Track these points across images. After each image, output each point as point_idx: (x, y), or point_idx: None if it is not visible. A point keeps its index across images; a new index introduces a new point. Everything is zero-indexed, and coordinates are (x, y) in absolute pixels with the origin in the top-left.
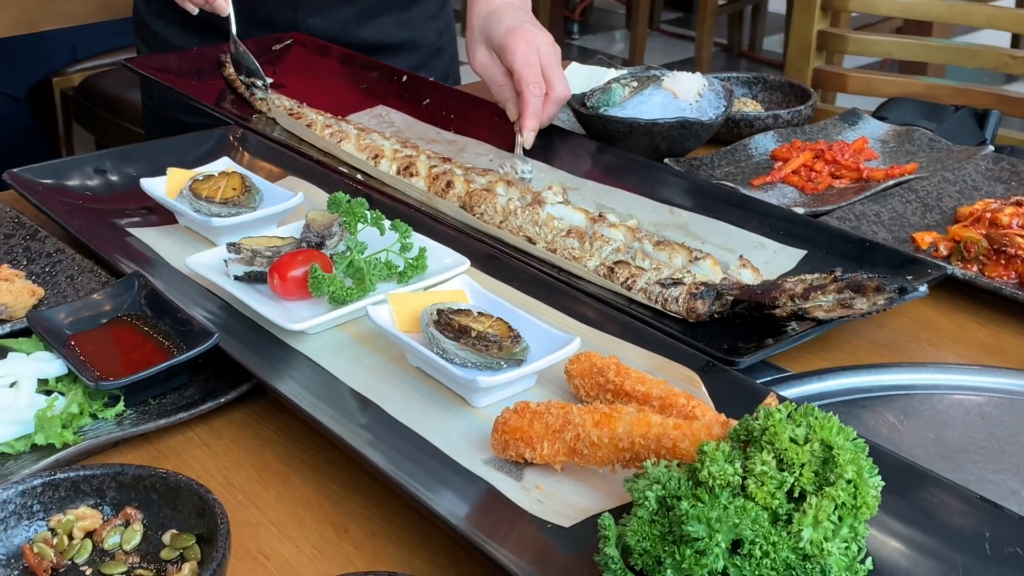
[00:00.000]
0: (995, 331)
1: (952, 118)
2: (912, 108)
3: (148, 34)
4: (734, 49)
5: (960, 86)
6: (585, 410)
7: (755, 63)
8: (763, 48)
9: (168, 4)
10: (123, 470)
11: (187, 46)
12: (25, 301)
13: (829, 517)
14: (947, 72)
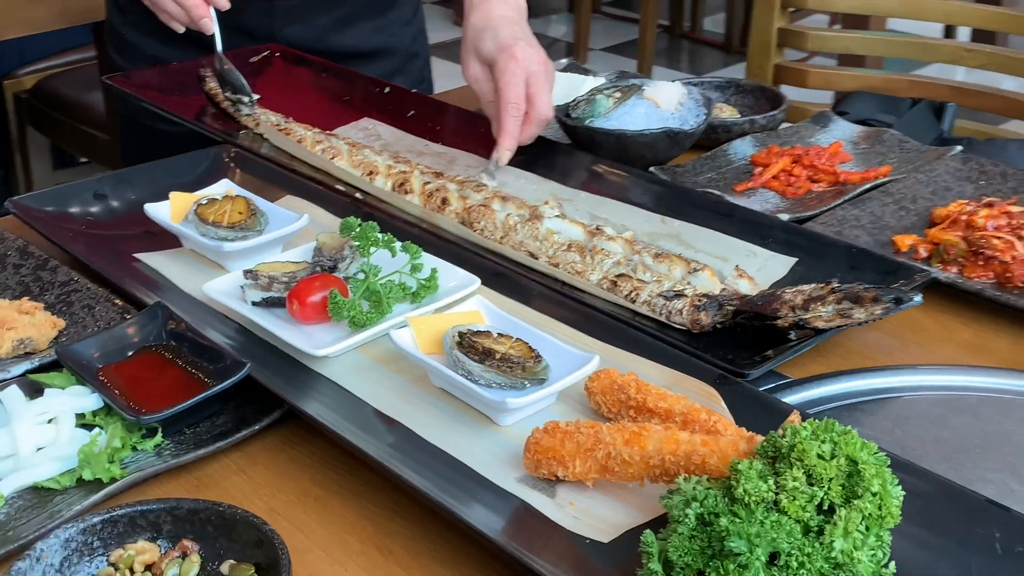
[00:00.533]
0: (979, 331)
1: (911, 112)
2: (870, 101)
3: (123, 44)
4: (676, 30)
5: (916, 79)
6: (615, 429)
7: (696, 43)
8: (704, 28)
9: (145, 14)
10: (179, 504)
11: (165, 57)
12: (47, 333)
13: (857, 528)
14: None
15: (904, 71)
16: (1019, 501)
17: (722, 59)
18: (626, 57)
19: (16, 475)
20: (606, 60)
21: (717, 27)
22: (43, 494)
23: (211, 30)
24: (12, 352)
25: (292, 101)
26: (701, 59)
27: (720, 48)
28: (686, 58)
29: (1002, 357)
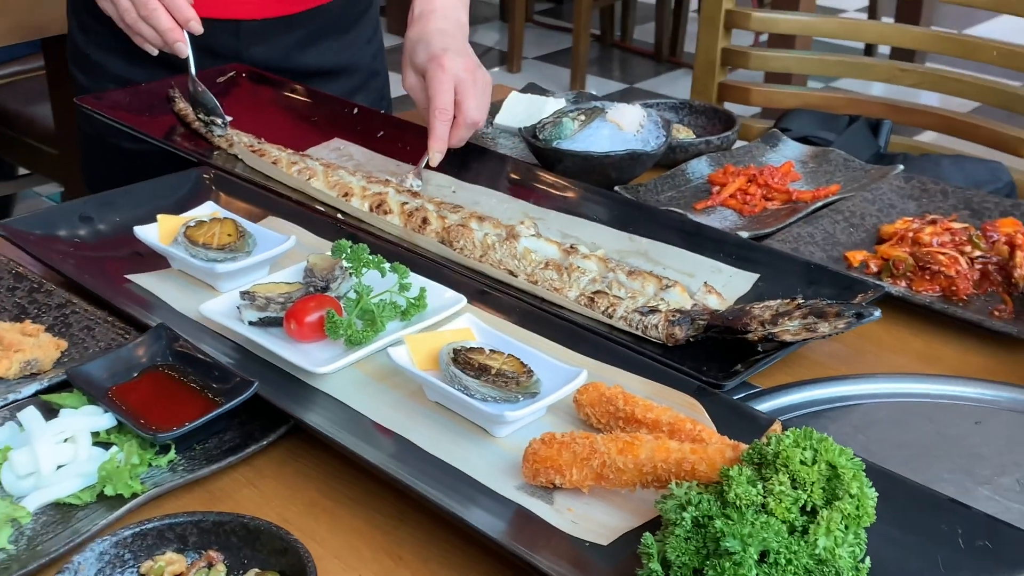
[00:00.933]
0: (928, 341)
1: (849, 129)
2: (810, 119)
3: (87, 64)
4: (607, 39)
5: (853, 97)
6: (608, 439)
7: (627, 53)
8: (634, 38)
9: (110, 34)
10: (204, 517)
11: (130, 76)
12: (51, 354)
13: (838, 527)
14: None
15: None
16: (976, 499)
17: (653, 68)
18: (559, 66)
19: (39, 492)
20: (539, 69)
21: (647, 37)
22: (66, 510)
23: (185, 53)
24: (19, 373)
25: (261, 121)
26: (632, 68)
27: (650, 57)
28: (617, 67)
29: (950, 365)
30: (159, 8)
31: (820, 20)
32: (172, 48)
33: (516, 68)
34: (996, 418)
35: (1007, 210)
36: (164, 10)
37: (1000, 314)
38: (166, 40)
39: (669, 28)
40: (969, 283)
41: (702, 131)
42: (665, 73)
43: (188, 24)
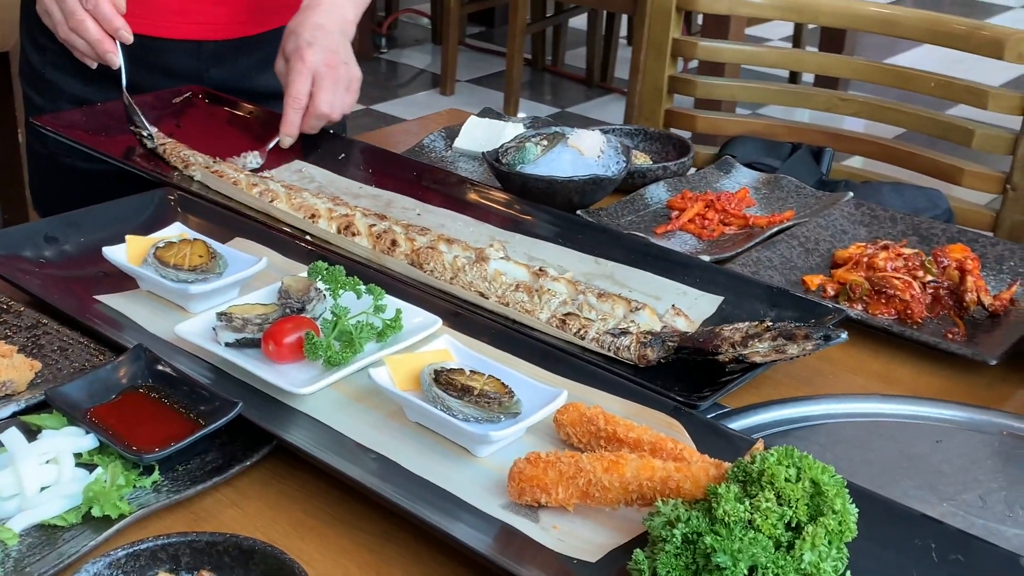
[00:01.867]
0: (886, 362)
1: (793, 157)
2: (754, 146)
3: (42, 83)
4: (538, 64)
5: (795, 125)
6: (593, 458)
7: (558, 77)
8: (565, 63)
9: (65, 54)
10: (197, 537)
11: (85, 96)
12: (25, 375)
13: (823, 542)
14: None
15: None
16: (942, 515)
17: (584, 93)
18: (492, 89)
19: (24, 514)
20: (472, 92)
21: (578, 62)
22: (51, 531)
23: (116, 64)
24: None
25: (219, 143)
26: (564, 93)
27: (582, 82)
28: (549, 91)
29: (908, 385)
30: (86, 19)
31: (764, 50)
32: (104, 59)
33: (449, 91)
34: (955, 437)
35: (954, 236)
36: (92, 21)
37: (953, 337)
38: (96, 51)
39: (600, 54)
40: (923, 307)
41: (657, 157)
42: (596, 98)
43: (117, 33)
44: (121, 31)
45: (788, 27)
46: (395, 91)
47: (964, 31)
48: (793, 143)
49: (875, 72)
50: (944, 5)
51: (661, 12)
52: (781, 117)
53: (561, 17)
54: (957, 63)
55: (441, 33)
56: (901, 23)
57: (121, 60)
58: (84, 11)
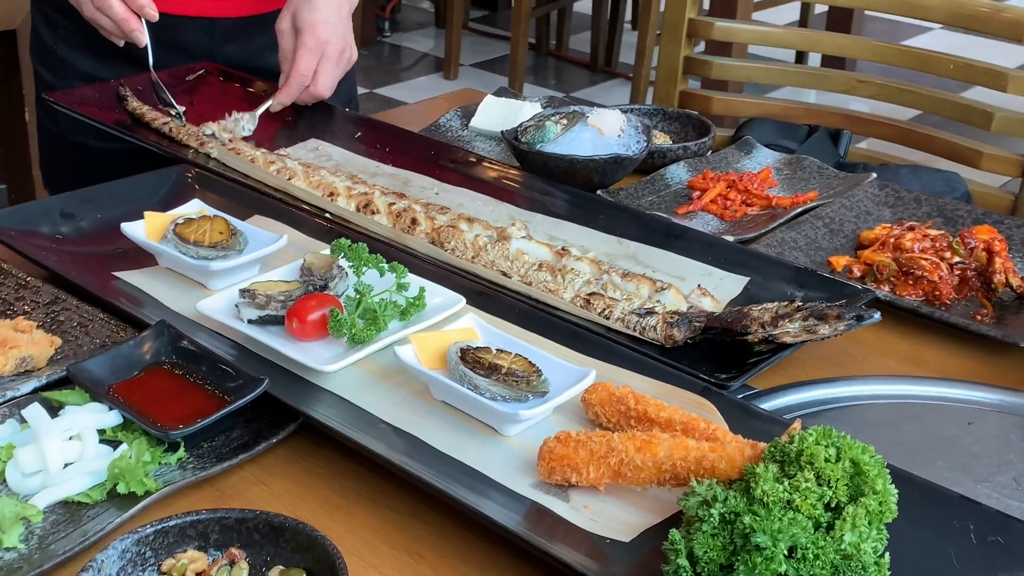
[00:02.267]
0: (914, 344)
1: (811, 139)
2: (770, 128)
3: (54, 60)
4: (542, 48)
5: (812, 107)
6: (625, 437)
7: (563, 61)
8: (569, 47)
9: (77, 31)
10: (227, 514)
11: (98, 73)
12: (45, 351)
13: (863, 522)
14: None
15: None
16: (979, 497)
17: (588, 77)
18: (495, 73)
19: (48, 491)
20: (475, 76)
21: (582, 46)
22: (75, 508)
23: (143, 42)
24: (15, 370)
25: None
26: (568, 77)
27: (586, 67)
28: (553, 75)
29: (935, 366)
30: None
31: (780, 31)
32: (130, 37)
33: (453, 75)
34: (986, 419)
35: (979, 218)
36: (119, 1)
37: (982, 318)
38: (122, 30)
39: (604, 38)
40: (951, 288)
41: (676, 137)
42: (601, 83)
43: (143, 11)
44: (146, 8)
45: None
46: (398, 75)
47: (986, 13)
48: (810, 125)
49: (893, 54)
50: None
51: None
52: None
53: (565, 1)
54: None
55: (444, 17)
56: (922, 5)
57: (147, 38)
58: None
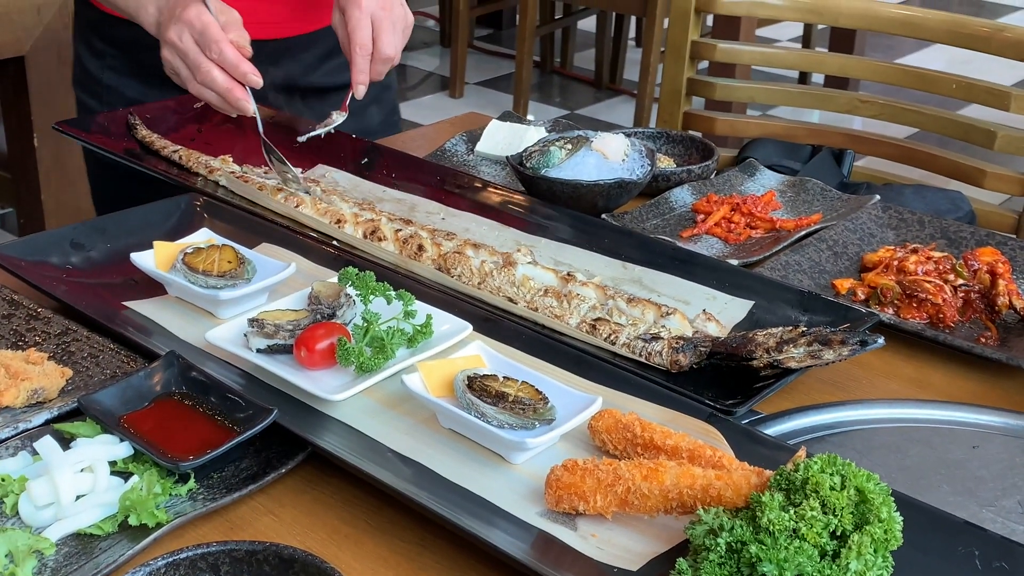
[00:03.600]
0: (919, 367)
1: (815, 159)
2: (774, 148)
3: (99, 88)
4: (547, 66)
5: (815, 127)
6: (632, 465)
7: (567, 79)
8: (574, 65)
9: (124, 58)
10: (237, 546)
11: (147, 98)
12: (56, 383)
13: (868, 551)
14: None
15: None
16: (984, 522)
17: (593, 95)
18: (501, 92)
19: (61, 523)
20: (481, 94)
21: (587, 64)
22: (87, 540)
23: (251, 111)
24: (27, 402)
25: (240, 146)
26: (573, 94)
27: (591, 84)
28: (558, 93)
29: (941, 390)
30: (212, 69)
31: (782, 52)
32: (237, 107)
33: (458, 93)
34: (992, 442)
35: (983, 239)
36: (219, 70)
37: (986, 341)
38: (228, 101)
39: (609, 55)
40: (955, 310)
41: (680, 160)
42: (605, 100)
43: (245, 78)
44: (249, 75)
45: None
46: (404, 94)
47: (987, 32)
48: (813, 145)
49: (895, 74)
50: (952, 5)
51: (680, 14)
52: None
53: (570, 19)
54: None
55: (449, 35)
56: (921, 24)
57: (254, 105)
58: (209, 61)
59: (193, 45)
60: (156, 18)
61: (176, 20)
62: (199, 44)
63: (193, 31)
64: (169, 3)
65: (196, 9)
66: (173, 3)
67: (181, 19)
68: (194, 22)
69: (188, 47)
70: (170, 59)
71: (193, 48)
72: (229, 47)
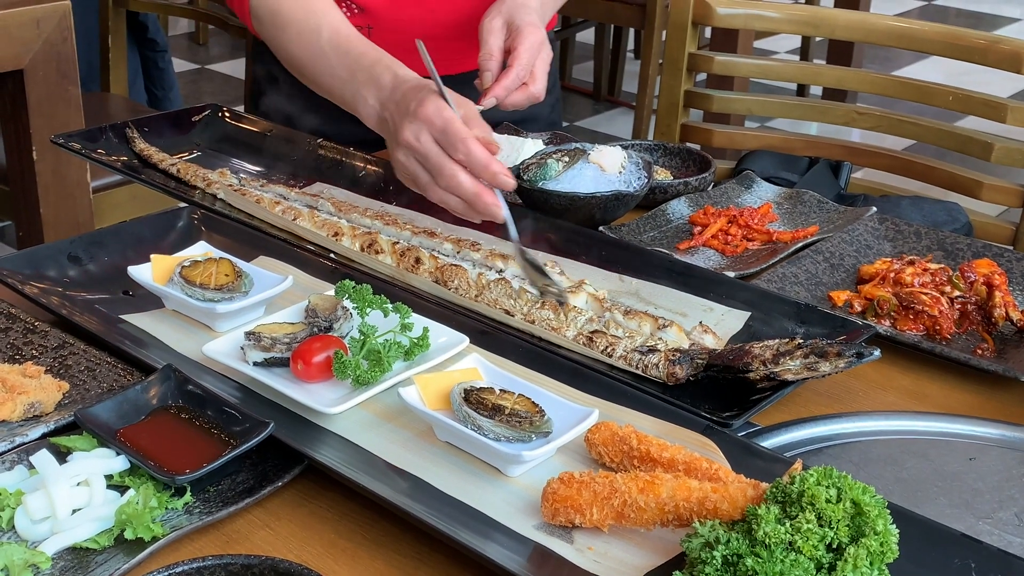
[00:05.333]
0: (915, 379)
1: (811, 171)
2: (771, 160)
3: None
4: None
5: (812, 139)
6: (628, 478)
7: (566, 91)
8: (573, 77)
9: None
10: (233, 560)
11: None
12: (53, 396)
13: (864, 563)
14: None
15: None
16: (981, 534)
17: (591, 107)
18: None
19: (57, 537)
20: None
21: (585, 75)
22: (83, 555)
23: (502, 217)
24: (23, 416)
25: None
26: (572, 106)
27: (589, 96)
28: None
29: (938, 402)
30: (458, 172)
31: (779, 64)
32: (487, 213)
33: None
34: (989, 454)
35: (979, 251)
36: (465, 173)
37: (983, 352)
38: (476, 207)
39: (607, 68)
40: (951, 322)
41: (677, 172)
42: (604, 112)
43: (496, 179)
44: (500, 176)
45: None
46: None
47: (983, 45)
48: (810, 157)
49: (892, 86)
50: (949, 18)
51: (678, 26)
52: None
53: (569, 31)
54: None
55: None
56: (919, 36)
57: (506, 209)
58: (454, 164)
59: (434, 146)
60: (378, 112)
61: (412, 118)
62: (441, 144)
63: (433, 129)
64: (395, 96)
65: (435, 104)
66: (401, 96)
67: (418, 116)
68: (434, 119)
69: (429, 148)
70: (405, 163)
71: (435, 149)
72: (477, 145)
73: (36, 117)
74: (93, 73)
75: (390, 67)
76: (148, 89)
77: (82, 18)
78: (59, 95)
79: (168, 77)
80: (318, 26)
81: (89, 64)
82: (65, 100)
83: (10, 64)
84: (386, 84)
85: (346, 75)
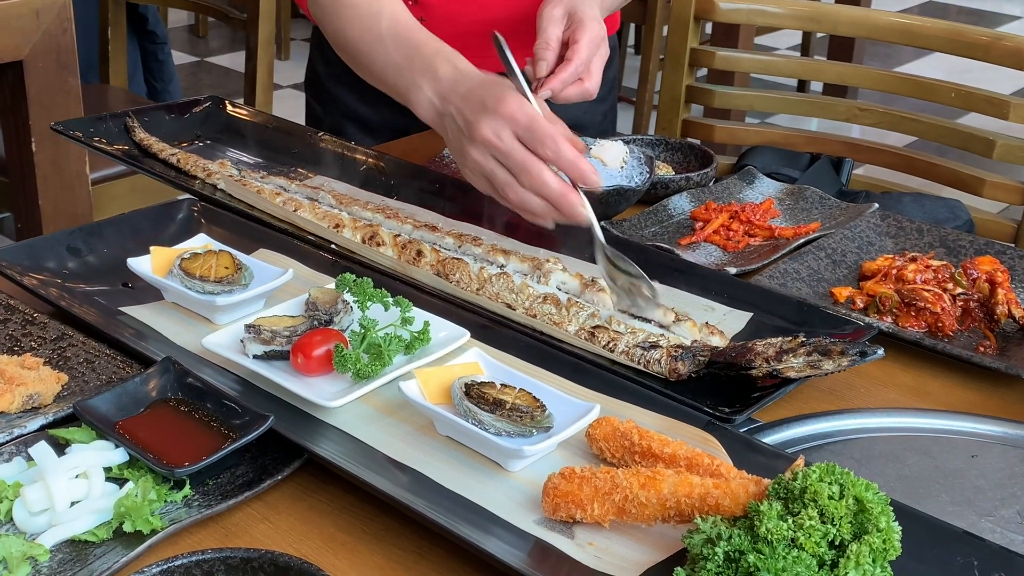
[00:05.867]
0: (917, 375)
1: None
2: (772, 156)
3: (324, 95)
4: None
5: (813, 135)
6: (630, 473)
7: None
8: None
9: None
10: (232, 553)
11: (358, 111)
12: (52, 388)
13: (867, 560)
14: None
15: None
16: (983, 532)
17: None
18: None
19: (55, 529)
20: None
21: None
22: (81, 547)
23: (587, 220)
24: (22, 407)
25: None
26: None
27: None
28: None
29: (939, 398)
30: (544, 171)
31: (781, 60)
32: (572, 215)
33: None
34: (991, 451)
35: (981, 248)
36: (551, 173)
37: (985, 350)
38: (560, 209)
39: None
40: (953, 319)
41: (679, 167)
42: None
43: (585, 179)
44: (588, 175)
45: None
46: None
47: (986, 41)
48: (812, 153)
49: (893, 82)
50: (951, 14)
51: (679, 22)
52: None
53: None
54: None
55: None
56: (921, 33)
57: (590, 210)
58: (540, 162)
59: (517, 144)
60: (435, 105)
61: (491, 114)
62: (524, 142)
63: (517, 127)
64: (458, 90)
65: (517, 100)
66: (467, 91)
67: (499, 113)
68: (518, 116)
69: (511, 146)
70: (482, 161)
71: (518, 148)
72: (566, 144)
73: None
74: (93, 65)
75: (450, 59)
76: (148, 81)
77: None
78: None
79: (168, 69)
80: (379, 12)
81: (89, 56)
82: (64, 92)
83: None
84: (444, 76)
85: (403, 62)
